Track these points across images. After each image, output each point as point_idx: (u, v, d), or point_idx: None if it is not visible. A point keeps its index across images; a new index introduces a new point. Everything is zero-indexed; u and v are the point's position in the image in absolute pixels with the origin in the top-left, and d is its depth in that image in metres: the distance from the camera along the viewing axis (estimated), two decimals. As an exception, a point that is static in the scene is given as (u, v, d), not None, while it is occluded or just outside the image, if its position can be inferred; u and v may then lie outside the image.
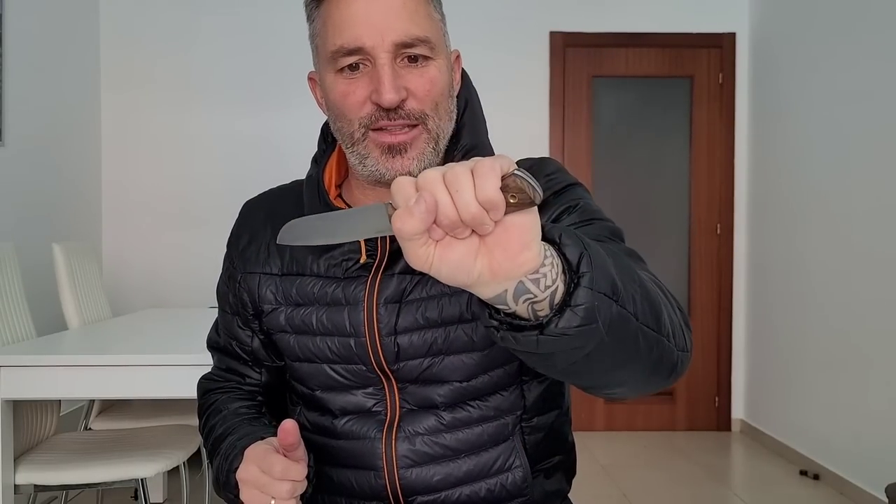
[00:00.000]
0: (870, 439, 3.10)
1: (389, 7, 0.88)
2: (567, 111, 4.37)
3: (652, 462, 3.76)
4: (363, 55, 0.89)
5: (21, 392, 2.02)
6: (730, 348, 4.40)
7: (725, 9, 4.36)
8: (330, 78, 0.92)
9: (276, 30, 4.25)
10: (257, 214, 1.08)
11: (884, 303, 3.00)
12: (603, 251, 0.66)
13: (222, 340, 1.11)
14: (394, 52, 0.89)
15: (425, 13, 0.91)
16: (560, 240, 0.63)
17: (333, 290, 0.98)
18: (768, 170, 4.09)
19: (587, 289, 0.61)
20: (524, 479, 0.98)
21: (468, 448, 0.97)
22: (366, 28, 0.88)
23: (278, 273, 1.02)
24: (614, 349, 0.65)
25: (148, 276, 4.25)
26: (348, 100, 0.91)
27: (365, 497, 0.98)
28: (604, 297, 0.62)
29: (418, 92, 0.90)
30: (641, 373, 0.71)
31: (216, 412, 1.07)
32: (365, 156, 0.92)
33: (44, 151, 3.66)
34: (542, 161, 1.02)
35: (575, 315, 0.61)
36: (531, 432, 0.99)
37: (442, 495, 0.96)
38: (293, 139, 4.22)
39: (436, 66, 0.92)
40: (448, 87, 0.94)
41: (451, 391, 0.96)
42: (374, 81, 0.89)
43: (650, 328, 0.69)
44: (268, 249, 1.04)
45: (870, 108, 3.14)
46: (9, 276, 2.40)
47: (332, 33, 0.90)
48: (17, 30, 3.38)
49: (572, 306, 0.60)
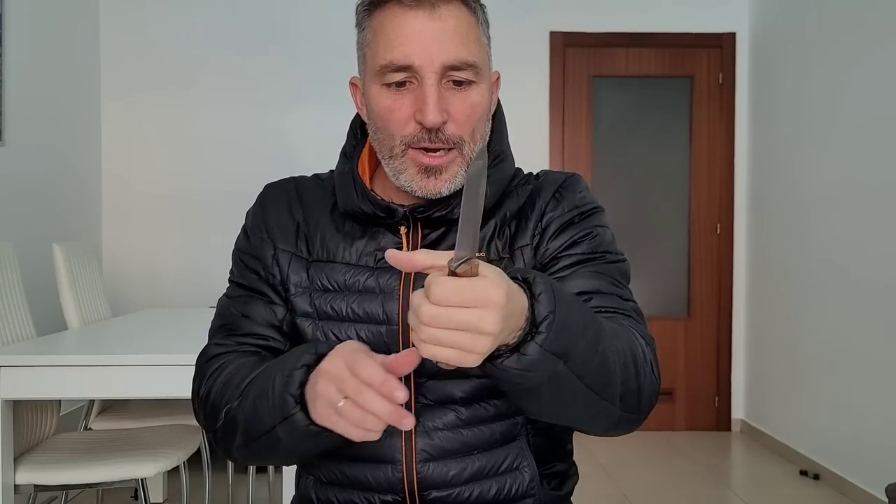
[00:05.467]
0: (870, 439, 3.10)
1: (443, 29, 0.91)
2: (567, 111, 4.37)
3: (652, 462, 3.76)
4: (411, 73, 0.92)
5: (21, 392, 2.02)
6: (730, 348, 4.40)
7: (725, 9, 4.36)
8: (375, 90, 0.95)
9: (276, 30, 4.25)
10: (283, 197, 1.07)
11: (884, 303, 3.00)
12: (576, 316, 0.76)
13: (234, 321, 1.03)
14: (441, 73, 0.92)
15: (475, 37, 0.95)
16: (536, 297, 0.73)
17: (366, 279, 0.99)
18: (768, 170, 4.09)
19: (537, 346, 0.72)
20: (531, 480, 1.00)
21: (481, 445, 0.98)
22: (417, 47, 0.90)
23: (307, 258, 1.03)
24: (553, 396, 0.78)
25: (148, 276, 4.25)
26: (393, 115, 0.93)
27: (381, 490, 0.98)
28: (552, 356, 0.73)
29: (458, 117, 0.93)
30: (577, 421, 0.87)
31: (231, 363, 0.98)
32: (401, 171, 0.95)
33: (44, 151, 3.66)
34: (574, 178, 1.06)
35: (520, 359, 0.72)
36: (535, 434, 1.01)
37: (455, 491, 0.97)
38: (293, 139, 4.22)
39: (478, 91, 0.95)
40: (486, 111, 0.98)
41: (472, 387, 0.97)
42: (418, 101, 0.92)
43: (594, 391, 0.80)
44: (298, 231, 1.04)
45: (870, 108, 3.14)
46: (9, 276, 2.40)
47: (384, 48, 0.92)
48: (17, 30, 3.38)
49: (520, 353, 0.72)
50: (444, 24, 0.91)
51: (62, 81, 3.85)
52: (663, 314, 4.36)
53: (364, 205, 0.99)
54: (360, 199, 1.00)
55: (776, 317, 3.96)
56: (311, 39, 4.22)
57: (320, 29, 4.22)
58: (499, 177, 1.01)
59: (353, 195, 1.01)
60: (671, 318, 4.38)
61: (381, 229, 1.01)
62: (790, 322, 3.80)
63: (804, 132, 3.69)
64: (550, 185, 1.04)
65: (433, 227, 1.00)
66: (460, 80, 0.93)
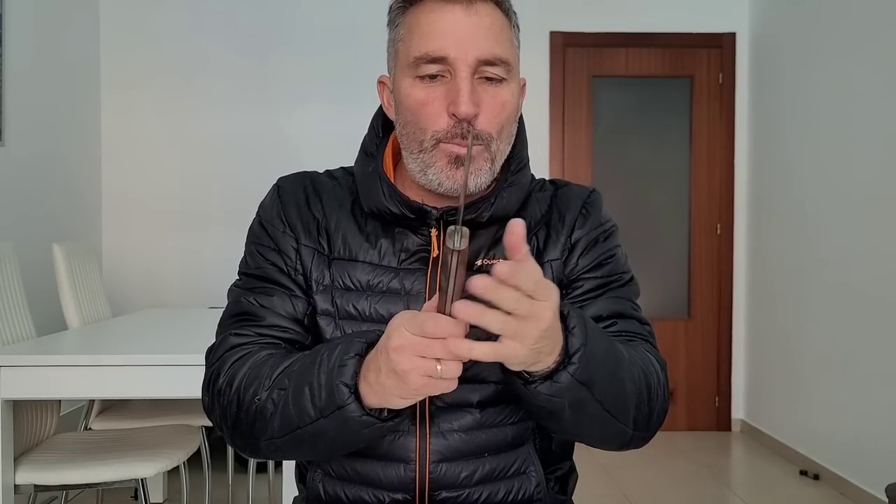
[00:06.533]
0: (870, 439, 3.10)
1: (478, 24, 0.92)
2: (567, 111, 4.37)
3: (652, 462, 3.76)
4: (445, 65, 0.92)
5: (21, 392, 2.02)
6: (730, 348, 4.40)
7: (725, 9, 4.36)
8: (407, 83, 0.95)
9: (276, 29, 4.25)
10: (299, 192, 1.06)
11: (884, 303, 3.00)
12: (602, 347, 0.84)
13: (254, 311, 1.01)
14: (475, 66, 0.92)
15: (508, 37, 0.96)
16: (570, 329, 0.81)
17: (390, 280, 0.99)
18: (768, 170, 4.09)
19: (569, 375, 0.80)
20: (538, 485, 1.01)
21: (493, 447, 0.99)
22: (453, 40, 0.92)
23: (328, 255, 1.02)
24: (573, 418, 0.86)
25: (148, 276, 4.25)
26: (426, 109, 0.94)
27: (392, 489, 0.98)
28: (579, 384, 0.81)
29: (489, 112, 0.94)
30: (592, 439, 0.94)
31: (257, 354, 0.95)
32: (430, 164, 0.95)
33: (44, 151, 3.66)
34: (597, 195, 1.09)
35: (551, 386, 0.80)
36: (542, 439, 1.03)
37: (465, 493, 0.98)
38: (294, 139, 4.22)
39: (508, 89, 0.96)
40: (515, 111, 0.99)
41: (489, 392, 0.98)
42: (451, 93, 0.92)
43: (611, 415, 0.88)
44: (318, 227, 1.03)
45: (870, 108, 3.14)
46: (9, 276, 2.40)
47: (419, 40, 0.93)
48: (17, 30, 3.38)
49: (552, 380, 0.80)
50: (479, 20, 0.92)
51: (62, 82, 3.85)
52: (663, 314, 4.35)
53: (392, 205, 0.99)
54: (389, 199, 0.99)
55: (776, 317, 3.96)
56: (314, 38, 4.21)
57: (324, 27, 4.22)
58: (523, 182, 1.03)
59: (380, 195, 0.99)
60: (671, 318, 4.38)
61: (405, 230, 1.01)
62: (790, 322, 3.80)
63: (804, 132, 3.69)
64: (577, 199, 1.07)
65: None
66: (492, 76, 0.94)
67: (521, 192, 1.02)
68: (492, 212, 0.99)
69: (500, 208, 0.99)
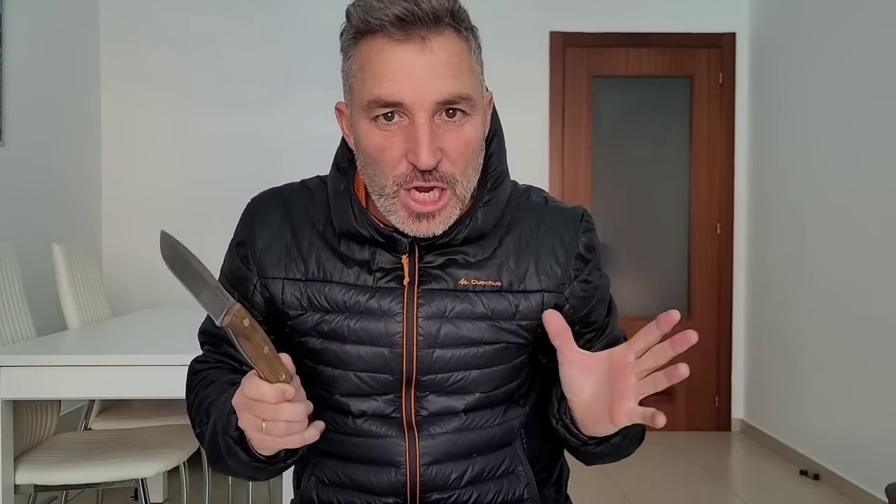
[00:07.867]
0: (870, 439, 3.10)
1: (433, 63, 0.86)
2: (567, 111, 4.37)
3: (651, 462, 3.76)
4: (401, 109, 0.88)
5: (21, 392, 2.02)
6: (730, 348, 4.40)
7: (725, 9, 4.36)
8: (364, 125, 0.91)
9: (275, 30, 4.25)
10: (272, 214, 1.03)
11: (884, 303, 3.00)
12: None
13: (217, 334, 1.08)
14: (433, 110, 0.88)
15: (468, 67, 0.90)
16: None
17: (367, 301, 0.97)
18: (768, 170, 4.09)
19: (619, 436, 0.95)
20: (527, 485, 1.03)
21: (481, 448, 1.00)
22: (407, 84, 0.86)
23: (302, 278, 1.00)
24: (602, 455, 1.00)
25: (148, 276, 4.25)
26: (385, 155, 0.89)
27: (382, 493, 0.99)
28: (611, 445, 0.97)
29: (452, 153, 0.90)
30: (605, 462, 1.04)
31: (206, 384, 1.03)
32: (392, 211, 0.92)
33: (44, 151, 3.66)
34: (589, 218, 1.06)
35: (607, 447, 0.97)
36: (528, 439, 1.05)
37: (455, 494, 0.99)
38: (293, 139, 4.22)
39: (472, 124, 0.91)
40: (480, 144, 0.94)
41: (475, 400, 1.00)
42: (410, 140, 0.88)
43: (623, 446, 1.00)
44: (289, 253, 1.01)
45: (870, 108, 3.14)
46: (9, 276, 2.40)
47: (371, 82, 0.88)
48: (17, 30, 3.38)
49: (609, 442, 0.96)
50: (434, 58, 0.86)
51: (62, 82, 3.85)
52: (663, 314, 4.35)
53: (363, 229, 0.96)
54: (359, 223, 0.96)
55: (776, 317, 3.96)
56: (314, 38, 4.21)
57: (320, 28, 4.22)
58: (500, 198, 1.00)
59: (350, 217, 0.97)
60: (671, 318, 4.37)
61: (380, 249, 0.98)
62: (790, 322, 3.80)
63: (804, 132, 3.69)
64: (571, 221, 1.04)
65: (436, 251, 0.99)
66: (454, 110, 0.89)
67: (497, 208, 0.99)
68: (466, 233, 0.97)
69: (475, 229, 0.97)
